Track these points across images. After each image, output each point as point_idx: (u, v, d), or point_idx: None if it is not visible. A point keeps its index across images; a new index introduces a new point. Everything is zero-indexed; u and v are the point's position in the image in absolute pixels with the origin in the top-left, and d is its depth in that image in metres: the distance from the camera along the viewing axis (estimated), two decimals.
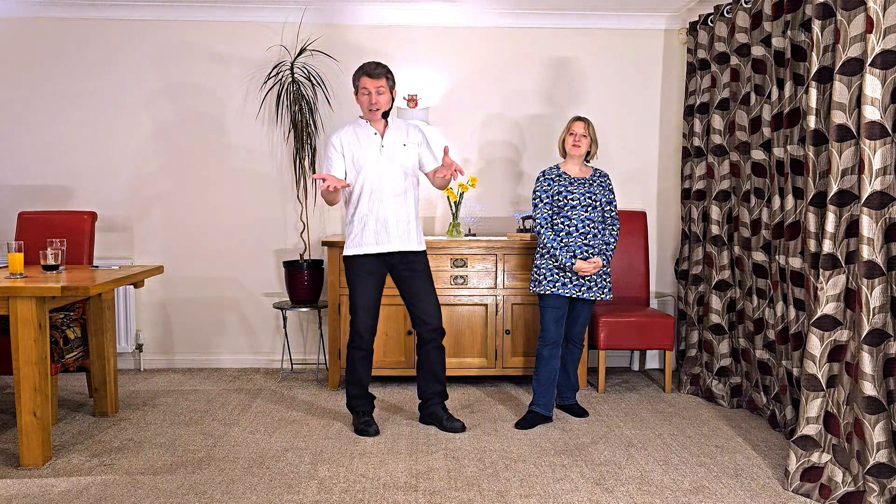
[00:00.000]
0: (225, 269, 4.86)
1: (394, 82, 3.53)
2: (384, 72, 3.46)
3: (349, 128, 3.56)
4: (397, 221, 3.48)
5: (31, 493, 2.87)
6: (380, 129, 3.53)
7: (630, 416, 3.86)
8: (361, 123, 3.55)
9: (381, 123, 3.54)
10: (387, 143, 3.51)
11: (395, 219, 3.48)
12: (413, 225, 3.54)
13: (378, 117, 3.50)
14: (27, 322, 3.09)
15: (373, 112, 3.46)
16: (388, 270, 3.57)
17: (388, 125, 3.55)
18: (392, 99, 3.53)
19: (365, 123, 3.54)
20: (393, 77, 3.52)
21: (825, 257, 2.88)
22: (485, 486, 2.94)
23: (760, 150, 3.72)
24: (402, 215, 3.50)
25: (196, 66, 4.74)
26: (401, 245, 3.50)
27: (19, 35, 4.69)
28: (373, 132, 3.52)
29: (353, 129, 3.55)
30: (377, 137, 3.51)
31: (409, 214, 3.52)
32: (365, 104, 3.47)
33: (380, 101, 3.45)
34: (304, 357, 4.91)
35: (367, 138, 3.51)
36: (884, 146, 2.64)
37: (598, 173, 3.79)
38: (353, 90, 3.53)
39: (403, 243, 3.50)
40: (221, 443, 3.44)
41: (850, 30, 2.75)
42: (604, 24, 4.80)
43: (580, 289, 3.66)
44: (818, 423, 2.95)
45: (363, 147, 3.49)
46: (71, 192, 4.77)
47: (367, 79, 3.44)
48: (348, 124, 3.60)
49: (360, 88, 3.46)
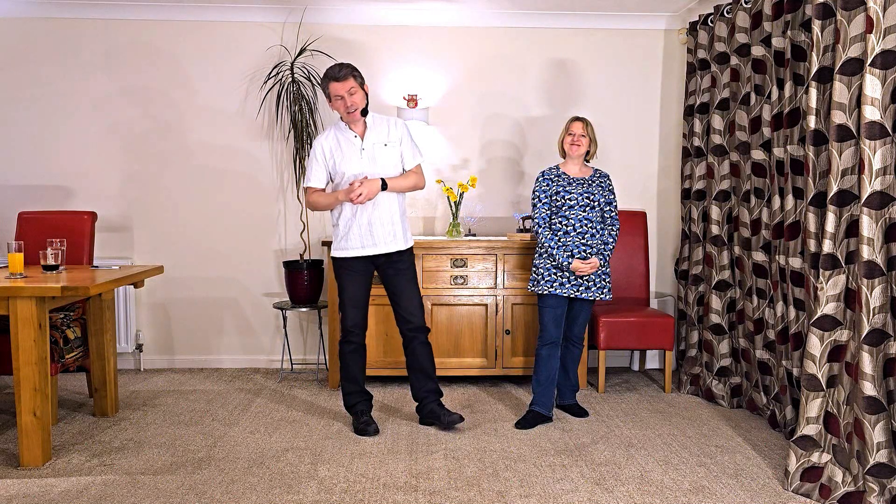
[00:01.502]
0: (225, 269, 4.86)
1: (362, 79, 3.47)
2: (350, 71, 3.40)
3: (331, 132, 3.54)
4: (381, 223, 3.48)
5: (31, 493, 2.87)
6: (360, 130, 3.50)
7: (630, 416, 3.86)
8: (342, 126, 3.53)
9: (360, 124, 3.51)
10: (367, 145, 3.49)
11: (380, 221, 3.48)
12: (398, 225, 3.52)
13: (357, 117, 3.47)
14: (27, 322, 3.09)
15: (351, 114, 3.43)
16: (374, 268, 3.59)
17: (367, 126, 3.52)
18: (366, 94, 3.48)
19: (345, 127, 3.52)
20: (360, 74, 3.45)
21: (825, 257, 2.88)
22: (485, 486, 2.94)
23: (760, 150, 3.72)
24: (387, 216, 3.49)
25: (196, 65, 4.75)
26: (386, 247, 3.51)
27: (19, 35, 4.70)
28: (353, 135, 3.49)
29: (334, 133, 3.53)
30: (357, 140, 3.49)
31: (392, 215, 3.51)
32: (341, 109, 3.43)
33: (354, 101, 3.40)
34: (304, 357, 4.92)
35: (347, 142, 3.49)
36: (884, 146, 2.64)
37: (599, 174, 3.79)
38: (326, 99, 3.48)
39: (388, 245, 3.51)
40: (221, 443, 3.44)
41: (850, 30, 2.75)
42: (604, 24, 4.80)
43: (579, 289, 3.67)
44: (818, 423, 2.95)
45: (344, 151, 3.48)
46: (71, 192, 4.77)
47: (335, 84, 3.38)
48: (331, 127, 3.58)
49: (333, 96, 3.41)
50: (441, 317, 4.34)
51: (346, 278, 3.53)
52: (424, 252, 4.31)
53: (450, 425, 3.59)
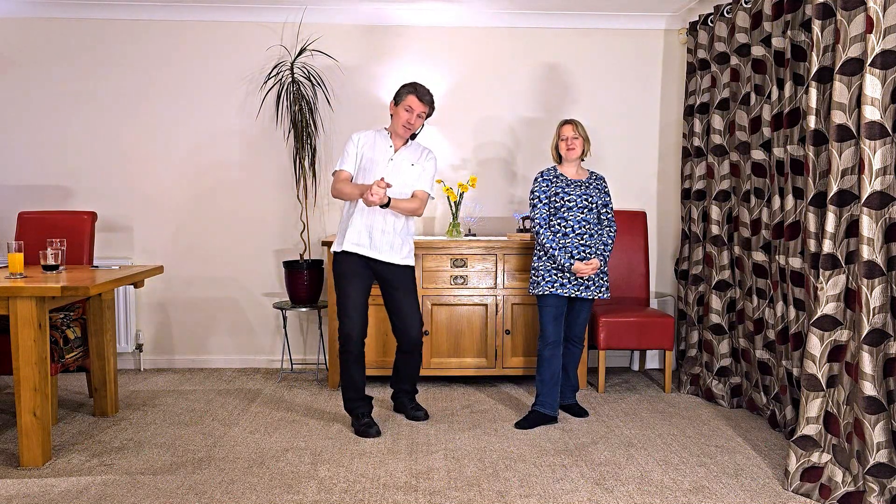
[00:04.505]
0: (225, 269, 4.86)
1: (433, 112, 3.64)
2: (431, 100, 3.58)
3: (371, 132, 3.67)
4: (383, 231, 3.54)
5: (31, 493, 2.87)
6: (397, 145, 3.63)
7: (630, 416, 3.86)
8: (383, 133, 3.66)
9: (400, 141, 3.63)
10: (397, 158, 3.59)
11: (382, 228, 3.54)
12: (399, 238, 3.57)
13: (406, 136, 3.60)
14: (27, 322, 3.09)
15: (406, 130, 3.56)
16: (372, 275, 3.61)
17: (405, 144, 3.64)
18: (422, 126, 3.64)
19: (386, 135, 3.64)
20: (434, 107, 3.62)
21: (825, 257, 2.88)
22: (485, 486, 2.94)
23: (760, 150, 3.72)
24: (389, 227, 3.54)
25: (196, 65, 4.75)
26: (382, 255, 3.54)
27: (19, 35, 4.69)
28: (389, 144, 3.61)
29: (374, 134, 3.66)
30: (391, 150, 3.60)
31: (395, 227, 3.56)
32: (403, 120, 3.54)
33: (416, 123, 3.56)
34: (304, 357, 4.91)
35: (381, 147, 3.60)
36: (884, 146, 2.64)
37: (595, 176, 3.81)
38: (394, 101, 3.58)
39: (383, 254, 3.54)
40: (221, 443, 3.44)
41: (850, 30, 2.75)
42: (603, 24, 4.80)
43: (578, 288, 3.67)
44: (818, 423, 2.95)
45: (375, 153, 3.58)
46: (71, 192, 4.77)
47: (415, 99, 3.52)
48: (372, 129, 3.70)
49: (404, 104, 3.53)
50: (441, 317, 4.34)
51: (345, 281, 3.54)
52: (424, 252, 4.30)
53: (413, 419, 3.78)
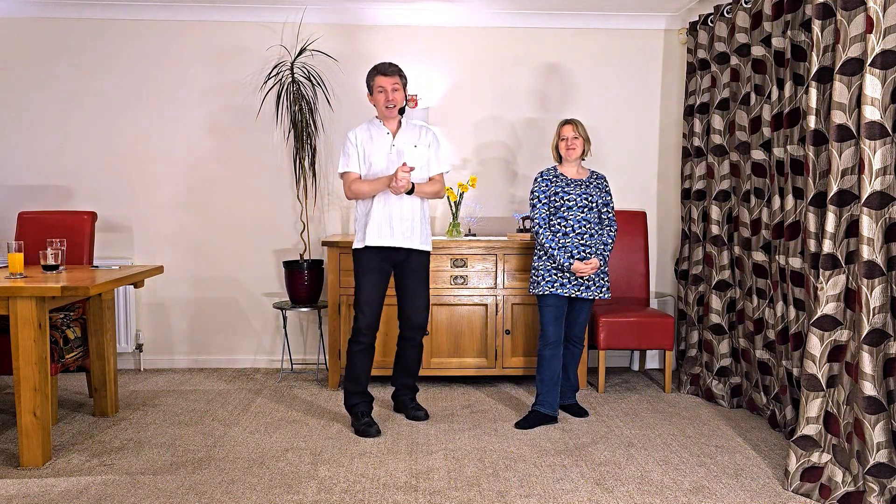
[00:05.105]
0: (225, 269, 4.86)
1: (406, 80, 3.62)
2: (397, 69, 3.56)
3: (364, 126, 3.65)
4: (402, 218, 3.54)
5: (31, 493, 2.87)
6: (392, 128, 3.61)
7: (630, 416, 3.86)
8: (376, 123, 3.64)
9: (394, 123, 3.61)
10: (398, 143, 3.59)
11: (400, 216, 3.54)
12: (418, 223, 3.59)
13: (395, 114, 3.58)
14: (27, 322, 3.09)
15: (389, 109, 3.54)
16: (392, 268, 3.63)
17: (401, 125, 3.62)
18: (405, 96, 3.61)
19: (379, 123, 3.62)
20: (405, 75, 3.61)
21: (825, 257, 2.88)
22: (485, 486, 2.94)
23: (760, 150, 3.72)
24: (408, 213, 3.56)
25: (195, 66, 4.75)
26: (403, 242, 3.55)
27: (19, 35, 4.69)
28: (385, 132, 3.60)
29: (367, 127, 3.64)
30: (389, 137, 3.59)
31: (414, 213, 3.57)
32: (381, 102, 3.54)
33: (396, 97, 3.54)
34: (304, 357, 4.91)
35: (379, 137, 3.59)
36: (884, 146, 2.64)
37: (595, 175, 3.81)
38: (367, 91, 3.60)
39: (406, 240, 3.56)
40: (221, 443, 3.44)
41: (850, 30, 2.75)
42: (604, 24, 4.80)
43: (578, 288, 3.67)
44: (818, 423, 2.95)
45: (375, 145, 3.58)
46: (71, 192, 4.77)
47: (381, 77, 3.53)
48: (364, 123, 3.69)
49: (376, 87, 3.54)
50: (441, 317, 4.34)
51: (363, 276, 3.57)
52: None
53: (413, 419, 3.76)
